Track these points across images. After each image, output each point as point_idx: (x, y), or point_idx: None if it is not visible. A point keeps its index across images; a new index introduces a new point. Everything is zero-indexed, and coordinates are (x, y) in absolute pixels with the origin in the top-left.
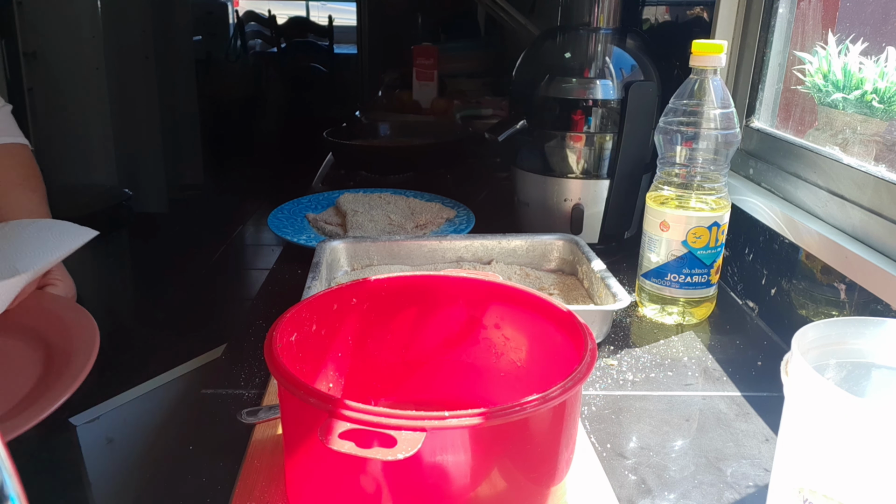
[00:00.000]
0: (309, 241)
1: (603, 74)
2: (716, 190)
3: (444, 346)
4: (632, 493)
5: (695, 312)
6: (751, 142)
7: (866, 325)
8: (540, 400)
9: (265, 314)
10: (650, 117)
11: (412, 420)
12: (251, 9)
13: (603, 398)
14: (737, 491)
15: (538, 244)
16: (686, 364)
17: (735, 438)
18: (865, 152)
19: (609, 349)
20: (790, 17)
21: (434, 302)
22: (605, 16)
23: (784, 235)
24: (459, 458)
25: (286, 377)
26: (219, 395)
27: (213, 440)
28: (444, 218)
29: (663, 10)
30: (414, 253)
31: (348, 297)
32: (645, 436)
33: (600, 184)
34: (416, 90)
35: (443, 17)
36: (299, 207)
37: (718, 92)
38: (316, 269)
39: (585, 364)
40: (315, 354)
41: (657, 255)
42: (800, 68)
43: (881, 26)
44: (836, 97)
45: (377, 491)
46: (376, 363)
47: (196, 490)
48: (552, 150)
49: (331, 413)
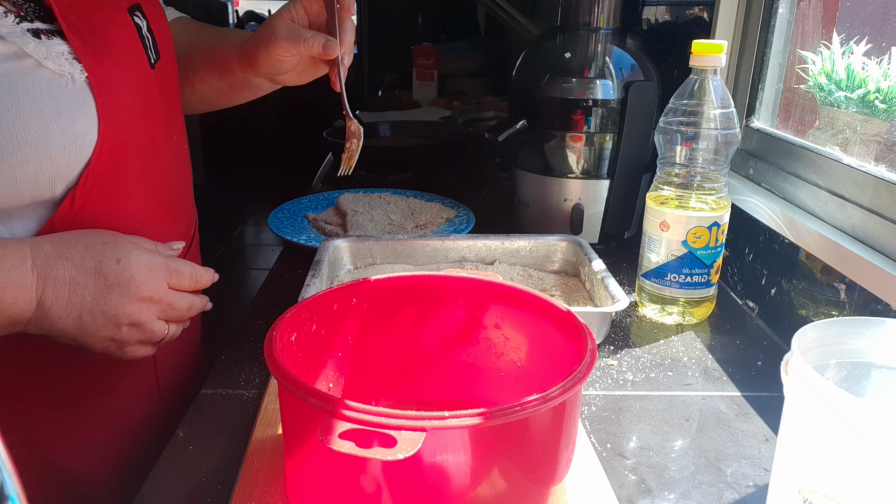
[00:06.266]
0: (309, 241)
1: (603, 74)
2: (716, 190)
3: (444, 346)
4: (632, 493)
5: (695, 312)
6: (751, 142)
7: (866, 325)
8: (540, 400)
9: (265, 314)
10: (650, 117)
11: (412, 420)
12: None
13: (603, 398)
14: (737, 491)
15: (541, 245)
16: (686, 364)
17: (735, 438)
18: (866, 152)
19: (609, 349)
20: (790, 17)
21: (434, 302)
22: (605, 16)
23: (784, 235)
24: (459, 458)
25: (286, 377)
26: (219, 395)
27: (213, 440)
28: (444, 218)
29: (663, 10)
30: (417, 252)
31: (348, 296)
32: (645, 436)
33: (600, 184)
34: (416, 90)
35: (443, 17)
36: (299, 207)
37: (718, 92)
38: (317, 268)
39: (585, 364)
40: (315, 354)
41: (657, 255)
42: (802, 67)
43: (881, 26)
44: (839, 96)
45: (377, 491)
46: (376, 363)
47: (196, 490)
48: (552, 150)
49: (331, 413)
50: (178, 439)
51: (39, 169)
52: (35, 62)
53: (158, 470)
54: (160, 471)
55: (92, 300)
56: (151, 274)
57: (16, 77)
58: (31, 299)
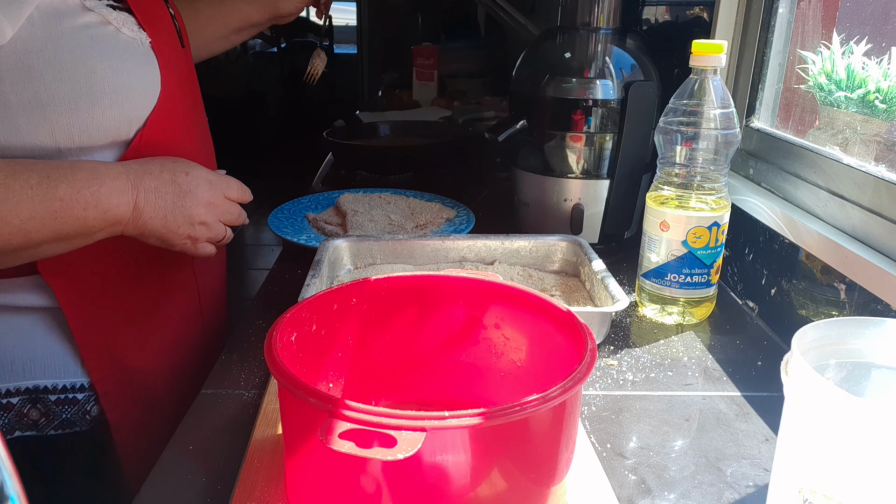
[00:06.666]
0: (309, 241)
1: (603, 74)
2: (716, 190)
3: (444, 346)
4: (632, 493)
5: (695, 312)
6: (751, 142)
7: (866, 325)
8: (540, 400)
9: (265, 314)
10: (650, 117)
11: (412, 420)
12: None
13: (603, 398)
14: (737, 491)
15: (541, 245)
16: (686, 364)
17: (735, 438)
18: (866, 152)
19: (609, 349)
20: (790, 17)
21: (434, 302)
22: (605, 16)
23: (784, 235)
24: (459, 458)
25: (286, 377)
26: (219, 395)
27: (213, 440)
28: (444, 218)
29: (663, 10)
30: (417, 252)
31: (348, 296)
32: (645, 436)
33: (600, 184)
34: (416, 90)
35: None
36: (299, 207)
37: (718, 92)
38: (317, 268)
39: (585, 364)
40: (315, 354)
41: (657, 255)
42: (802, 67)
43: (881, 26)
44: (839, 96)
45: (377, 491)
46: (376, 363)
47: (196, 490)
48: (552, 150)
49: (331, 413)
50: (178, 439)
51: (121, 111)
52: (115, 29)
53: (158, 470)
54: (160, 471)
55: (172, 203)
56: (211, 185)
57: (103, 39)
58: (129, 203)
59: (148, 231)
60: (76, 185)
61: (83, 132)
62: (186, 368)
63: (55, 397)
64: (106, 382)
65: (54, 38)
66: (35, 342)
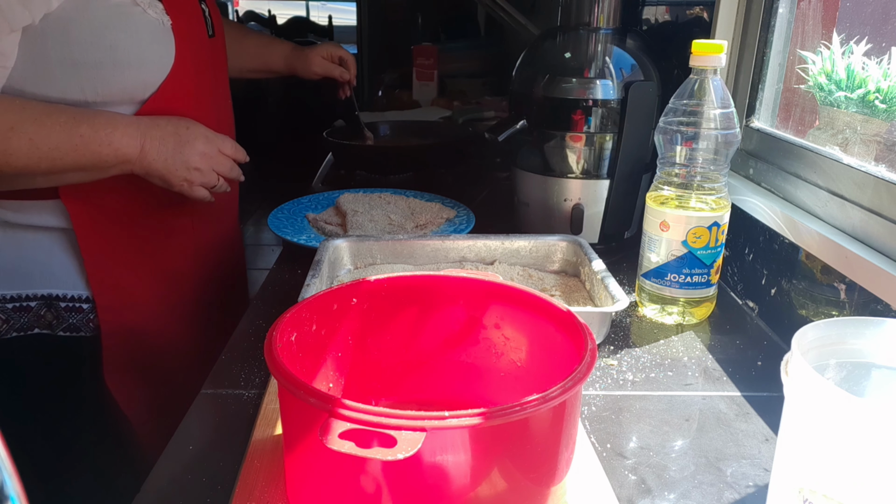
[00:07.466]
0: (309, 241)
1: (603, 74)
2: (716, 190)
3: (444, 346)
4: (632, 493)
5: (695, 312)
6: (751, 142)
7: (866, 325)
8: (540, 400)
9: (265, 314)
10: (650, 117)
11: (412, 420)
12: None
13: (603, 398)
14: (737, 491)
15: (541, 245)
16: (686, 364)
17: (735, 438)
18: (866, 152)
19: (609, 349)
20: (790, 17)
21: (434, 302)
22: (605, 16)
23: (784, 235)
24: (459, 458)
25: (286, 377)
26: (219, 395)
27: (213, 440)
28: (444, 218)
29: (663, 10)
30: (417, 252)
31: (348, 296)
32: (645, 436)
33: (600, 184)
34: (416, 90)
35: (443, 17)
36: (299, 207)
37: (718, 92)
38: (317, 268)
39: (585, 364)
40: (315, 354)
41: (657, 255)
42: (802, 67)
43: (881, 26)
44: (839, 96)
45: (377, 491)
46: (376, 363)
47: (196, 490)
48: (552, 150)
49: (331, 413)
50: (178, 439)
51: (139, 76)
52: (142, 10)
53: (158, 470)
54: (160, 471)
55: (173, 149)
56: (208, 140)
57: (131, 17)
58: (137, 146)
59: (152, 171)
60: (95, 127)
61: (106, 89)
62: (175, 295)
63: (64, 304)
64: (105, 297)
65: (90, 10)
66: (52, 258)
